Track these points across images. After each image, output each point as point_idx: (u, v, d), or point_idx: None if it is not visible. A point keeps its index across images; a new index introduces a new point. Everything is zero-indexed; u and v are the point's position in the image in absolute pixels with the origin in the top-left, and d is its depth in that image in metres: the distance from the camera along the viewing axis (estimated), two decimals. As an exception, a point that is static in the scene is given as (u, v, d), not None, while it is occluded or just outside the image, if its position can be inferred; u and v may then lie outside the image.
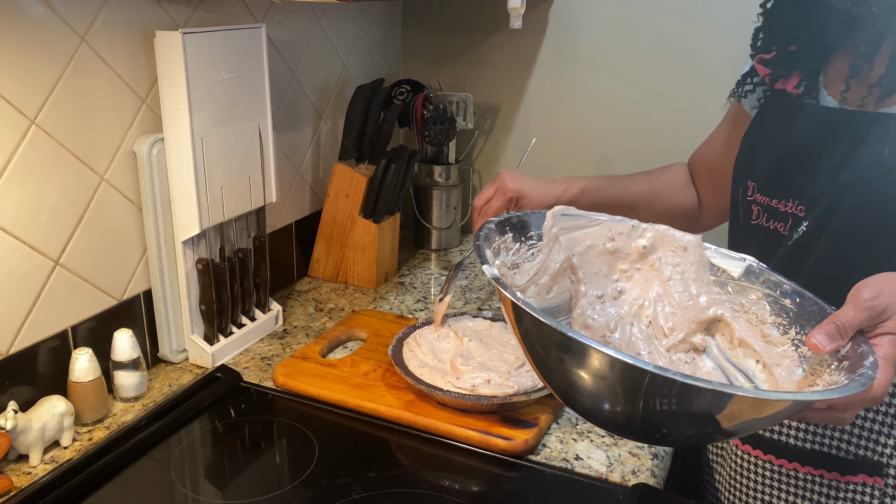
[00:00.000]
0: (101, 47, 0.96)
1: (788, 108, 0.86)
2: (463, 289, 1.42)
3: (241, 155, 1.10)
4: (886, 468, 0.81)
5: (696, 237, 0.79)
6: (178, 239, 1.06)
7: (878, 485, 0.82)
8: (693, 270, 0.77)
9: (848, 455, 0.83)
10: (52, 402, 0.90)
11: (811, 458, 0.85)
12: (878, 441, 0.81)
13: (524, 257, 0.80)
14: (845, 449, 0.83)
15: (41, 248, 0.93)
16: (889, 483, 0.81)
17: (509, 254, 0.79)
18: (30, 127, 0.89)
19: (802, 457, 0.85)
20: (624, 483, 0.88)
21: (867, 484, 0.82)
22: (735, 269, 0.77)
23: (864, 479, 0.82)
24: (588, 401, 0.62)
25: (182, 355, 1.12)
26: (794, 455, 0.86)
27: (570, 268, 0.78)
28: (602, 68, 1.54)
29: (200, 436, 0.97)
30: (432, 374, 0.99)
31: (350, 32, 1.51)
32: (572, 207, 0.82)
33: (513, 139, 1.67)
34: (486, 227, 0.77)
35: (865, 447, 0.82)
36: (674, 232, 0.79)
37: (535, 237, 0.81)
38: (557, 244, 0.78)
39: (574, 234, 0.80)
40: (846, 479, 0.83)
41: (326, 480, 0.87)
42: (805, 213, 0.81)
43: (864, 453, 0.82)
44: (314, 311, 1.32)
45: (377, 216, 1.39)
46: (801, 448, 0.85)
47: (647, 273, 0.79)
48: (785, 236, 0.83)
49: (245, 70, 1.08)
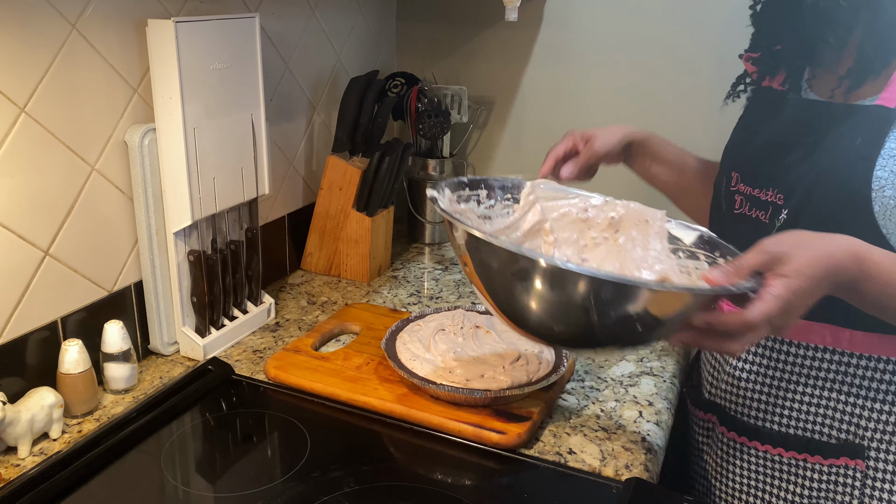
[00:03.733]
0: (93, 35, 0.95)
1: (772, 103, 0.91)
2: (457, 283, 1.42)
3: (234, 146, 1.09)
4: (867, 451, 0.84)
5: (661, 212, 0.84)
6: (169, 230, 1.05)
7: (859, 467, 0.85)
8: (650, 239, 0.83)
9: (830, 440, 0.86)
10: (42, 394, 0.89)
11: (794, 443, 0.88)
12: (859, 425, 0.84)
13: (498, 213, 0.87)
14: (827, 433, 0.86)
15: (30, 238, 0.92)
16: (870, 465, 0.84)
17: (480, 206, 0.87)
18: (19, 115, 0.88)
19: (786, 442, 0.88)
20: (617, 477, 0.88)
21: (849, 466, 0.85)
22: (688, 237, 0.85)
23: (846, 461, 0.85)
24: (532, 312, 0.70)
25: (173, 347, 1.11)
26: (779, 440, 0.89)
27: (542, 230, 0.83)
28: (597, 63, 1.54)
29: (191, 429, 0.96)
30: (425, 368, 0.98)
31: (344, 24, 1.50)
32: (553, 182, 0.89)
33: (507, 133, 1.66)
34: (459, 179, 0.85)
35: (847, 431, 0.85)
36: (642, 207, 0.85)
37: (511, 200, 0.88)
38: (534, 208, 0.83)
39: (550, 202, 0.85)
40: (829, 463, 0.86)
41: (318, 474, 0.86)
42: (784, 202, 0.84)
43: (844, 437, 0.85)
44: (307, 305, 1.31)
45: (371, 209, 1.38)
46: (784, 434, 0.88)
47: (611, 246, 0.84)
48: (766, 224, 0.86)
49: (238, 60, 1.07)
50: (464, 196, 0.86)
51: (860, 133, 0.78)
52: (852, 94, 0.81)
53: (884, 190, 0.75)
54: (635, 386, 1.08)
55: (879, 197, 0.76)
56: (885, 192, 0.75)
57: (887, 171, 0.75)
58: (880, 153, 0.76)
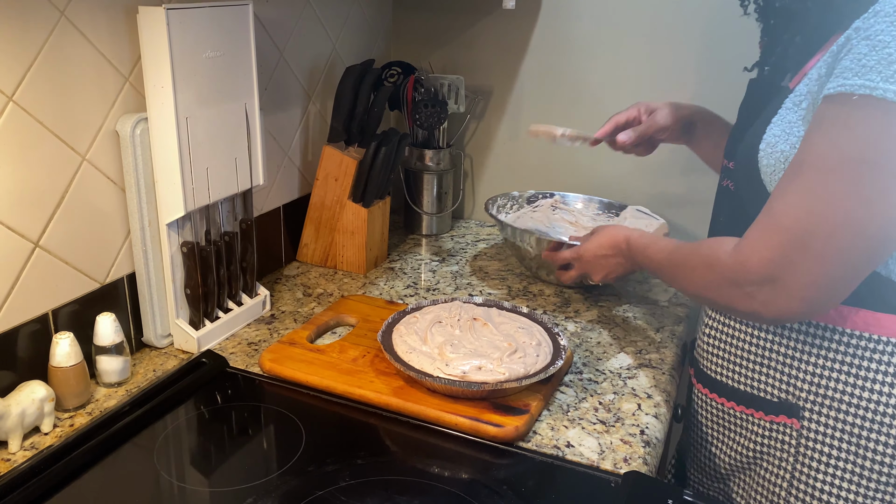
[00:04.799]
0: (82, 22, 0.93)
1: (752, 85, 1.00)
2: (454, 274, 1.41)
3: (228, 136, 1.08)
4: (802, 411, 0.88)
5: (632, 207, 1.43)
6: (162, 221, 1.03)
7: (794, 426, 0.89)
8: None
9: (772, 398, 0.91)
10: (32, 388, 0.88)
11: (741, 398, 0.94)
12: (796, 386, 0.88)
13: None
14: (769, 392, 0.91)
15: (20, 229, 0.90)
16: (804, 425, 0.88)
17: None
18: (7, 104, 0.86)
19: (735, 396, 0.95)
20: (615, 471, 0.87)
21: (787, 424, 0.90)
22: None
23: (784, 419, 0.90)
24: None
25: (167, 340, 1.10)
26: (729, 393, 0.95)
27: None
28: (595, 53, 1.53)
29: (185, 422, 0.95)
30: (422, 360, 0.97)
31: (339, 12, 1.48)
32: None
33: (505, 123, 1.65)
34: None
35: (785, 391, 0.89)
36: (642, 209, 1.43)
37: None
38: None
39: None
40: (769, 419, 0.91)
41: (314, 467, 0.85)
42: (733, 171, 0.93)
43: (784, 396, 0.90)
44: (302, 296, 1.30)
45: (367, 200, 1.37)
46: (733, 388, 0.95)
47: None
48: (733, 192, 0.94)
49: (231, 49, 1.05)
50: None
51: (769, 111, 0.86)
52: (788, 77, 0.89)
53: (762, 160, 0.83)
54: (634, 378, 1.07)
55: (761, 166, 0.84)
56: (762, 162, 0.83)
57: (764, 143, 0.83)
58: (766, 129, 0.84)
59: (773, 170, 0.82)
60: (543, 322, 1.09)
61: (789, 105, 0.83)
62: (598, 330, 1.21)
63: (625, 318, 1.25)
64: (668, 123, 1.13)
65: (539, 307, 1.28)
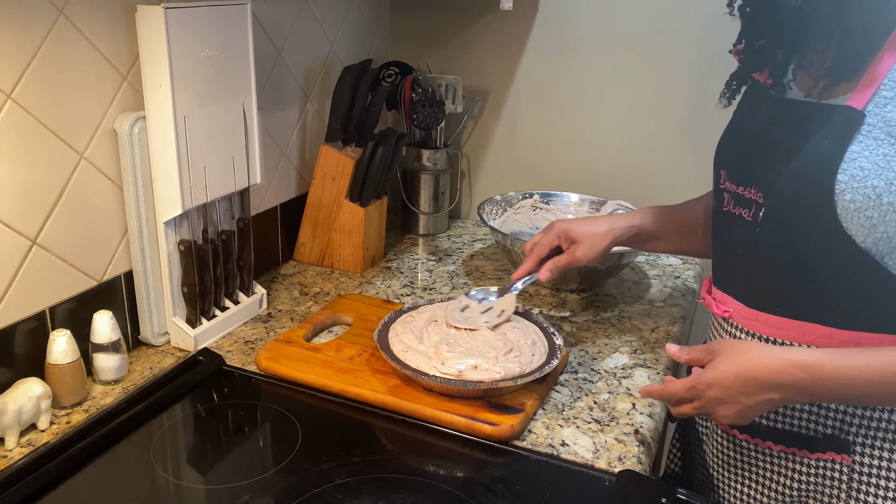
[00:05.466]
0: (81, 20, 0.94)
1: (756, 98, 0.92)
2: (450, 274, 1.41)
3: (225, 135, 1.08)
4: (853, 446, 0.85)
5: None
6: (159, 219, 1.04)
7: (845, 462, 0.86)
8: None
9: (817, 434, 0.87)
10: (29, 385, 0.88)
11: (783, 437, 0.90)
12: (844, 420, 0.85)
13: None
14: (813, 429, 0.88)
15: (18, 226, 0.91)
16: (856, 460, 0.85)
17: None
18: (5, 102, 0.87)
19: (775, 436, 0.90)
20: (610, 470, 0.88)
21: (836, 461, 0.87)
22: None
23: (832, 456, 0.87)
24: None
25: (164, 338, 1.10)
26: (767, 434, 0.91)
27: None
28: (592, 54, 1.53)
29: (182, 420, 0.96)
30: (418, 359, 0.98)
31: (337, 12, 1.48)
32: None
33: (502, 124, 1.65)
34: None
35: (833, 427, 0.86)
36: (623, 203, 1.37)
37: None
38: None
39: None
40: (816, 457, 0.88)
41: (310, 465, 0.86)
42: (763, 200, 0.85)
43: (830, 432, 0.86)
44: (299, 295, 1.30)
45: (364, 200, 1.37)
46: (772, 428, 0.90)
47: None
48: (749, 222, 0.87)
49: (229, 48, 1.05)
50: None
51: (828, 134, 0.79)
52: (827, 93, 0.82)
53: (844, 194, 0.77)
54: (629, 378, 1.08)
55: (840, 200, 0.77)
56: (845, 196, 0.77)
57: (847, 175, 0.76)
58: (843, 157, 0.77)
59: (858, 206, 0.76)
60: (539, 321, 1.10)
61: (879, 135, 0.76)
62: (593, 329, 1.22)
63: (620, 318, 1.26)
64: (588, 260, 1.05)
65: (535, 307, 1.29)
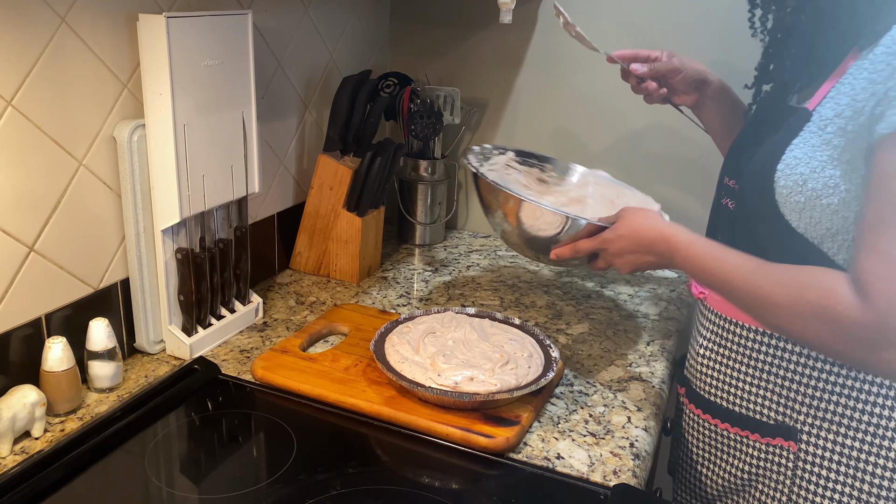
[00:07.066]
0: (82, 29, 0.94)
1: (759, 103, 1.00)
2: (446, 285, 1.42)
3: (224, 144, 1.08)
4: (799, 434, 0.88)
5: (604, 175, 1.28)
6: (157, 227, 1.04)
7: (791, 448, 0.89)
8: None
9: (768, 420, 0.91)
10: (24, 392, 0.87)
11: (738, 420, 0.94)
12: (793, 409, 0.89)
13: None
14: (766, 414, 0.91)
15: (15, 233, 0.91)
16: (801, 448, 0.88)
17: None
18: (6, 108, 0.87)
19: (730, 417, 0.94)
20: (605, 483, 0.88)
21: (783, 447, 0.90)
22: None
23: (780, 442, 0.90)
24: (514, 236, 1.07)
25: (159, 346, 1.10)
26: (723, 415, 0.95)
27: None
28: (590, 67, 1.54)
29: (176, 429, 0.95)
30: (414, 370, 0.98)
31: (337, 23, 1.49)
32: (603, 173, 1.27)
33: (500, 135, 1.66)
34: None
35: (783, 413, 0.90)
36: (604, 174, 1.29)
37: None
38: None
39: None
40: (766, 441, 0.91)
41: (304, 476, 0.86)
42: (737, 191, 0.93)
43: (781, 419, 0.90)
44: (295, 305, 1.30)
45: (361, 210, 1.37)
46: (729, 410, 0.95)
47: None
48: (732, 211, 0.94)
49: (230, 57, 1.06)
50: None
51: (784, 130, 0.85)
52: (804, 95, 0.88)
53: (779, 180, 0.83)
54: (624, 391, 1.08)
55: (777, 186, 0.83)
56: (779, 182, 0.82)
57: (784, 164, 0.83)
58: (785, 149, 0.83)
59: (789, 191, 0.82)
60: (535, 333, 1.10)
61: (813, 129, 0.81)
62: (588, 342, 1.22)
63: (615, 332, 1.26)
64: (682, 66, 1.10)
65: (531, 318, 1.29)
